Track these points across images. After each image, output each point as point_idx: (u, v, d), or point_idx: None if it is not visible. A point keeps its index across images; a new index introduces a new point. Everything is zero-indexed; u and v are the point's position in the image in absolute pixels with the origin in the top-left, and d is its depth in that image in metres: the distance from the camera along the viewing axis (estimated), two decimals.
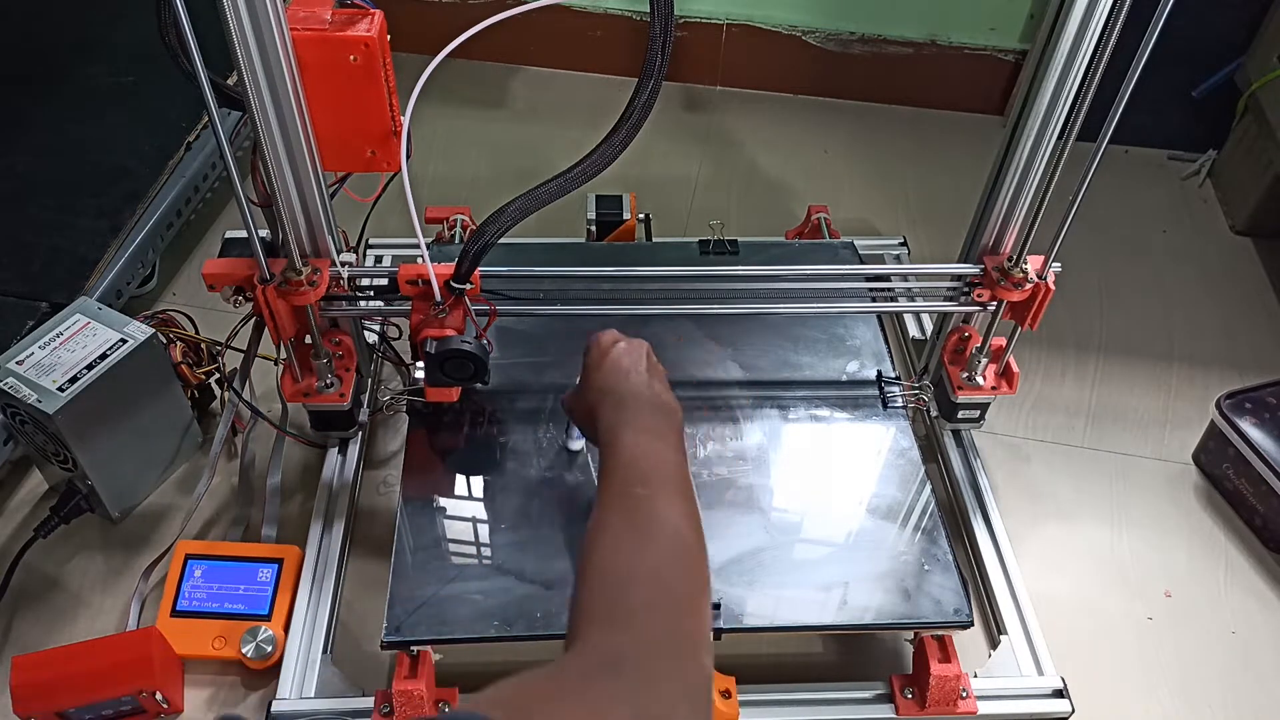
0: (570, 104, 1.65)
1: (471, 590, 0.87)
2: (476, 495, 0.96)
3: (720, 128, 1.64)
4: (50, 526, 1.01)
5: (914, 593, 0.89)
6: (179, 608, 0.96)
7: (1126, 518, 1.13)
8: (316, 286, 0.89)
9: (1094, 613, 1.04)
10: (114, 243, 1.17)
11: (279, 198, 0.86)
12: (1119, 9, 0.79)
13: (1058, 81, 0.86)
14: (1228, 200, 1.53)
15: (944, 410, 1.10)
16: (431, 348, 0.89)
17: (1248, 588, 1.08)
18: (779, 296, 1.03)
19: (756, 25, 1.62)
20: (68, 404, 0.93)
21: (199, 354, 1.12)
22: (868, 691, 0.92)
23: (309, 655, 0.92)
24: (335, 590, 0.98)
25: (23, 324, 1.06)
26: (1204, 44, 1.48)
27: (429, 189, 1.46)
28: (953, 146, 1.61)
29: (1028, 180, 0.94)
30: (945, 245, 1.38)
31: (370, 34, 0.80)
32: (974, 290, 1.00)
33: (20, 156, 1.26)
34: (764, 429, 1.02)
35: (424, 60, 0.75)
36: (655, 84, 0.78)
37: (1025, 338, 1.03)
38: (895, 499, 0.96)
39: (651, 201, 1.32)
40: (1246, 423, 1.11)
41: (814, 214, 1.32)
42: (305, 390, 1.00)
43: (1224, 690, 0.99)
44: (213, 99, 0.74)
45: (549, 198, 0.83)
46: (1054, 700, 0.92)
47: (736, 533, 0.92)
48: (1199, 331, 1.34)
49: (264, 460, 1.10)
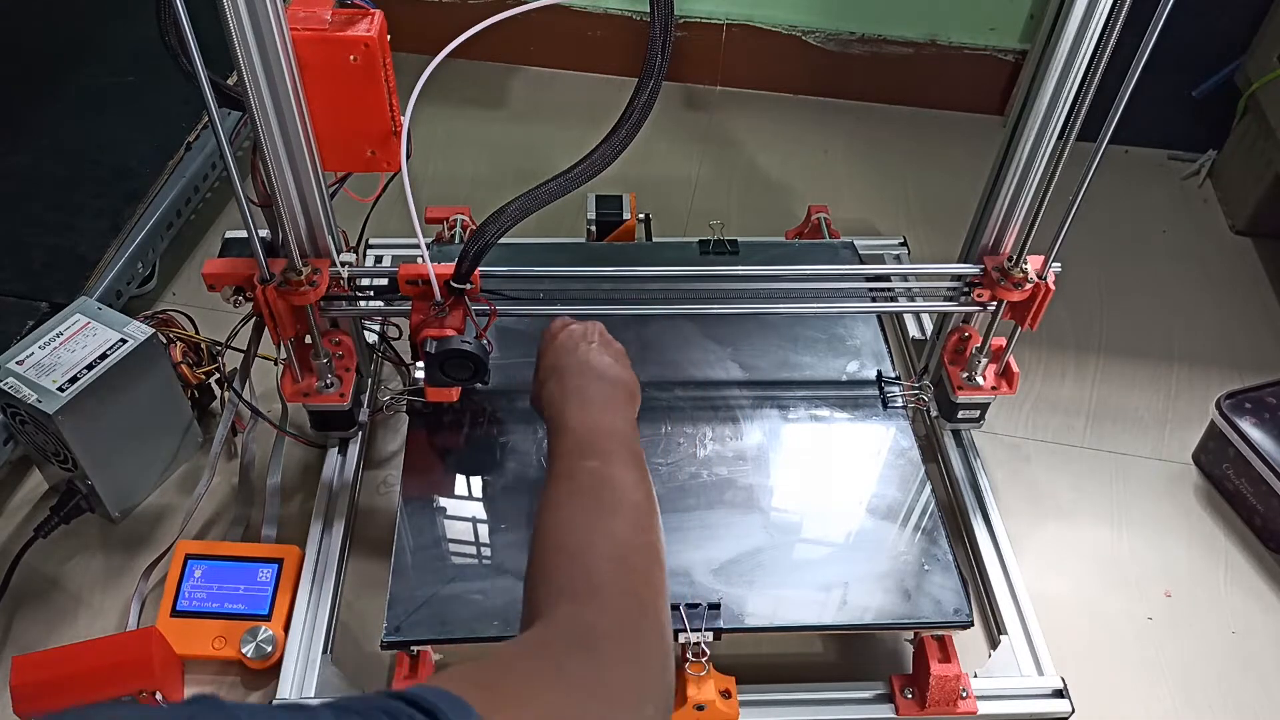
0: (570, 104, 1.65)
1: (471, 590, 0.87)
2: (476, 495, 0.96)
3: (720, 128, 1.64)
4: (50, 526, 1.01)
5: (914, 593, 0.89)
6: (179, 608, 0.96)
7: (1126, 518, 1.13)
8: (316, 286, 0.89)
9: (1094, 613, 1.04)
10: (114, 243, 1.17)
11: (279, 198, 0.86)
12: (1119, 9, 0.79)
13: (1058, 81, 0.86)
14: (1228, 200, 1.53)
15: (944, 410, 1.10)
16: (431, 348, 0.89)
17: (1248, 588, 1.08)
18: (779, 296, 1.03)
19: (756, 25, 1.62)
20: (68, 404, 0.93)
21: (199, 354, 1.12)
22: (868, 691, 0.92)
23: (309, 655, 0.92)
24: (335, 590, 0.98)
25: (23, 324, 1.06)
26: (1204, 44, 1.48)
27: (429, 189, 1.46)
28: (953, 146, 1.61)
29: (1028, 180, 0.94)
30: (945, 245, 1.38)
31: (370, 34, 0.80)
32: (974, 290, 1.00)
33: (20, 156, 1.26)
34: (764, 429, 1.02)
35: (424, 60, 0.75)
36: (655, 84, 0.77)
37: (1025, 338, 1.03)
38: (895, 499, 0.96)
39: (651, 201, 1.32)
40: (1246, 423, 1.11)
41: (814, 214, 1.32)
42: (305, 390, 1.00)
43: (1224, 690, 0.99)
44: (213, 99, 0.74)
45: (549, 198, 0.83)
46: (1054, 700, 0.92)
47: (736, 533, 0.92)
48: (1199, 331, 1.34)
49: (264, 460, 1.10)
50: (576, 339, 0.85)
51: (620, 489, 0.69)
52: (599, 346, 0.85)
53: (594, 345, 0.85)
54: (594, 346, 0.85)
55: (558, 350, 0.85)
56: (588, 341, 0.85)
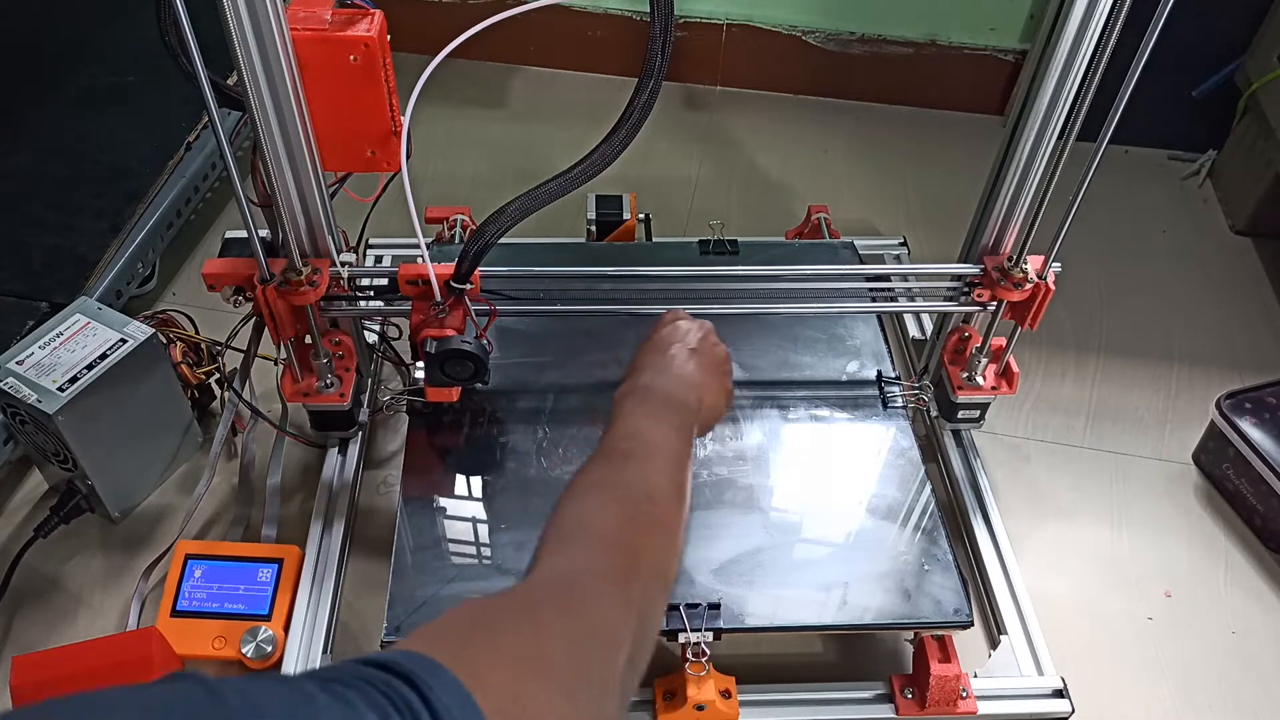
0: (570, 104, 1.65)
1: (471, 590, 0.87)
2: (476, 495, 0.96)
3: (720, 128, 1.64)
4: (50, 526, 1.01)
5: (914, 593, 0.89)
6: (179, 608, 0.96)
7: (1126, 518, 1.13)
8: (316, 286, 0.89)
9: (1094, 613, 1.04)
10: (114, 243, 1.17)
11: (279, 198, 0.86)
12: (1119, 9, 0.79)
13: (1058, 81, 0.86)
14: (1228, 200, 1.53)
15: (944, 410, 1.10)
16: (431, 348, 0.89)
17: (1248, 588, 1.08)
18: (779, 296, 1.03)
19: (756, 25, 1.62)
20: (68, 404, 0.93)
21: (199, 354, 1.12)
22: (868, 691, 0.92)
23: (309, 655, 0.92)
24: (335, 590, 0.98)
25: (23, 324, 1.06)
26: (1204, 44, 1.48)
27: (429, 189, 1.46)
28: (953, 146, 1.61)
29: (1028, 180, 0.93)
30: (945, 245, 1.38)
31: (370, 34, 0.80)
32: (974, 290, 1.00)
33: (20, 156, 1.26)
34: (764, 429, 1.02)
35: (424, 60, 0.75)
36: (655, 84, 0.77)
37: (1025, 338, 1.03)
38: (895, 499, 0.96)
39: (651, 201, 1.32)
40: (1246, 423, 1.11)
41: (814, 214, 1.32)
42: (305, 390, 1.00)
43: (1224, 690, 0.99)
44: (213, 99, 0.74)
45: (549, 198, 0.83)
46: (1054, 700, 0.92)
47: (736, 533, 0.92)
48: (1199, 331, 1.34)
49: (264, 460, 1.10)
50: (672, 340, 0.82)
51: (646, 472, 0.68)
52: (693, 352, 0.82)
53: (689, 350, 0.82)
54: (688, 351, 0.81)
55: (651, 347, 0.82)
56: (684, 345, 0.82)
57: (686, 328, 0.84)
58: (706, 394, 0.80)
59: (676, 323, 0.85)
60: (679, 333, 0.83)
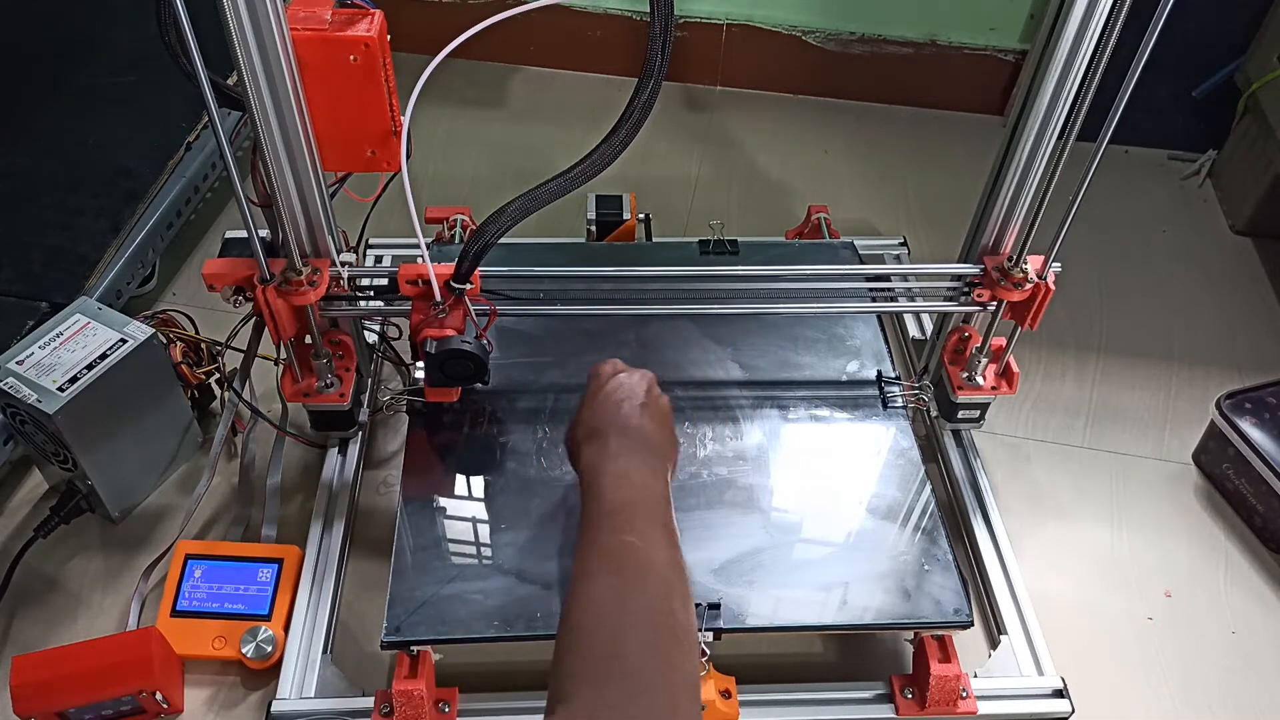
0: (570, 104, 1.65)
1: (471, 590, 0.87)
2: (476, 495, 0.96)
3: (720, 128, 1.64)
4: (50, 526, 1.01)
5: (914, 593, 0.89)
6: (179, 608, 0.96)
7: (1126, 518, 1.13)
8: (316, 286, 0.89)
9: (1094, 613, 1.04)
10: (114, 243, 1.16)
11: (279, 198, 0.86)
12: (1119, 9, 0.79)
13: (1058, 81, 0.86)
14: (1228, 200, 1.53)
15: (944, 410, 1.10)
16: (431, 348, 0.89)
17: (1248, 588, 1.08)
18: (779, 296, 1.03)
19: (756, 25, 1.62)
20: (68, 404, 0.93)
21: (199, 354, 1.12)
22: (868, 691, 0.92)
23: (309, 655, 0.92)
24: (335, 590, 0.98)
25: (23, 324, 1.06)
26: (1204, 44, 1.48)
27: (429, 189, 1.46)
28: (953, 146, 1.61)
29: (1028, 180, 0.94)
30: (945, 245, 1.38)
31: (370, 34, 0.80)
32: (974, 290, 1.00)
33: (20, 156, 1.26)
34: (764, 429, 1.02)
35: (424, 60, 0.75)
36: (655, 84, 0.78)
37: (1025, 338, 1.03)
38: (895, 499, 0.96)
39: (651, 201, 1.32)
40: (1246, 423, 1.11)
41: (814, 214, 1.32)
42: (305, 390, 1.00)
43: (1224, 690, 0.99)
44: (213, 99, 0.74)
45: (549, 198, 0.83)
46: (1054, 700, 0.92)
47: (736, 533, 0.92)
48: (1199, 331, 1.34)
49: (264, 460, 1.10)
50: (622, 396, 0.83)
51: (650, 565, 0.69)
52: (644, 406, 0.83)
53: (639, 405, 0.83)
54: (639, 407, 0.82)
55: (601, 405, 0.83)
56: (633, 401, 0.83)
57: (631, 382, 0.85)
58: (669, 448, 0.83)
59: (617, 375, 0.85)
60: (625, 388, 0.84)
